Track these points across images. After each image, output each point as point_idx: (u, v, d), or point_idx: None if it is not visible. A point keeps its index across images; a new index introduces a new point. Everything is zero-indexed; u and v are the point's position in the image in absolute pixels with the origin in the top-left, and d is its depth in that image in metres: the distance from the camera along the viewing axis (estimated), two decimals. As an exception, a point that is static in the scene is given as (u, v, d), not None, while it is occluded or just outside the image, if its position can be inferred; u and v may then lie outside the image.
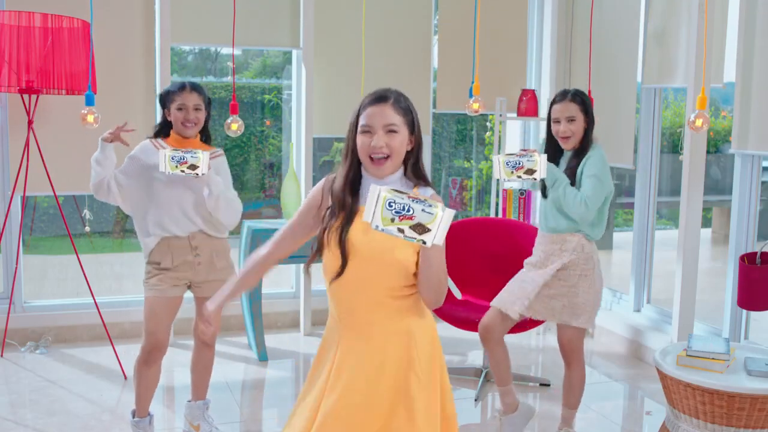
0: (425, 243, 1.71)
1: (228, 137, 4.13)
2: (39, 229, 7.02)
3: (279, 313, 5.06)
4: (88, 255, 5.68)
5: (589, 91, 4.48)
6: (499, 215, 4.93)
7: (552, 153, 3.13)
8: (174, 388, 4.01)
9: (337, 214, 2.00)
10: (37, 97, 4.13)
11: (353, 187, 2.03)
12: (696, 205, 4.17)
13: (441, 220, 1.69)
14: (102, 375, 4.11)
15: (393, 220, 1.70)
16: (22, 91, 3.98)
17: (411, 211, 1.70)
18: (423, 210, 1.70)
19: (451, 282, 4.19)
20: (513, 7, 5.34)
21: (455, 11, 5.18)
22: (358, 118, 2.01)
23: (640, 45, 4.62)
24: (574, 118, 3.02)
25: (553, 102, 3.09)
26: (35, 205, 5.81)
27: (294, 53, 5.07)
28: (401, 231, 1.71)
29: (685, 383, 2.79)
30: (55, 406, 3.68)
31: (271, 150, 7.25)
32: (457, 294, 4.18)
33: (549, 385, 4.04)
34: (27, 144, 4.14)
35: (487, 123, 7.37)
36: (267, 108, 7.14)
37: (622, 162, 4.73)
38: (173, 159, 2.85)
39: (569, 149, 3.08)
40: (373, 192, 1.72)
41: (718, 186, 7.70)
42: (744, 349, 3.14)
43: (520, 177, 2.83)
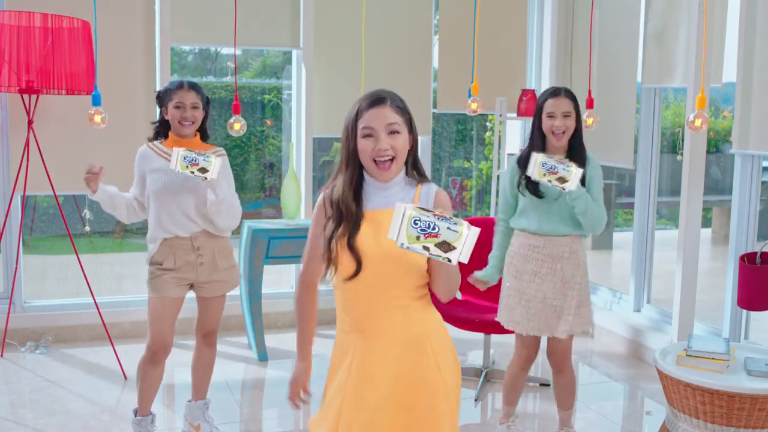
0: (450, 261, 1.71)
1: (228, 137, 4.13)
2: (39, 229, 7.03)
3: (279, 313, 5.06)
4: (88, 255, 5.69)
5: (590, 91, 4.49)
6: (499, 215, 4.92)
7: (528, 155, 3.04)
8: (174, 388, 4.01)
9: (343, 222, 1.97)
10: (37, 97, 4.13)
11: (356, 194, 2.00)
12: (696, 205, 4.17)
13: (467, 238, 1.70)
14: (102, 375, 4.11)
15: (418, 237, 1.70)
16: (22, 91, 3.98)
17: (436, 229, 1.70)
18: (448, 228, 1.70)
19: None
20: (513, 7, 5.34)
21: (455, 11, 5.19)
22: (356, 122, 1.98)
23: (640, 45, 4.62)
24: (569, 113, 3.01)
25: (546, 98, 3.05)
26: (35, 205, 5.81)
27: (294, 53, 5.07)
28: (426, 249, 1.71)
29: (685, 383, 2.79)
30: (55, 406, 3.69)
31: (271, 150, 7.25)
32: (457, 294, 4.18)
33: (549, 385, 4.04)
34: (27, 144, 4.14)
35: (487, 123, 7.38)
36: (267, 108, 7.15)
37: (622, 162, 4.73)
38: (185, 159, 2.85)
39: (562, 145, 3.06)
40: (399, 210, 1.72)
41: (718, 186, 7.71)
42: (744, 349, 3.14)
43: (550, 181, 2.84)
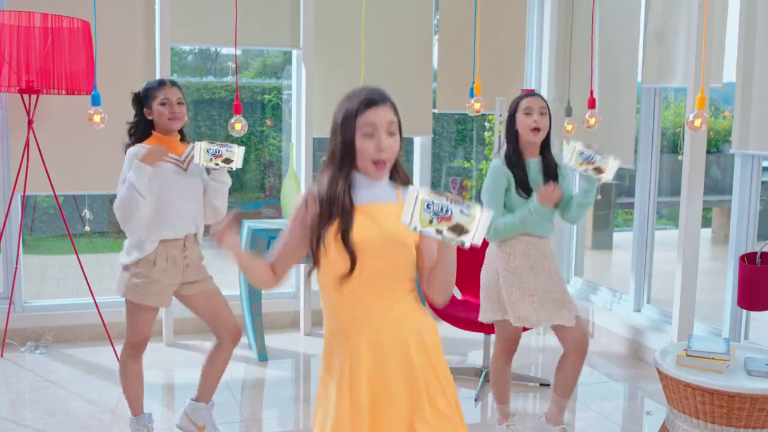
0: (464, 244, 1.69)
1: (229, 137, 4.12)
2: (39, 229, 7.02)
3: (279, 313, 5.06)
4: (88, 255, 5.68)
5: (591, 91, 4.49)
6: (499, 215, 4.92)
7: (516, 158, 3.07)
8: (174, 388, 4.01)
9: (334, 218, 1.93)
10: (37, 97, 4.13)
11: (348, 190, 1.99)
12: (696, 205, 4.17)
13: (479, 221, 1.68)
14: (102, 375, 4.11)
15: (431, 221, 1.69)
16: (22, 91, 3.99)
17: (449, 213, 1.69)
18: (461, 211, 1.69)
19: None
20: (513, 7, 5.34)
21: (455, 11, 5.18)
22: (355, 121, 1.96)
23: (640, 45, 4.62)
24: (545, 112, 3.06)
25: (520, 99, 3.09)
26: (35, 205, 5.81)
27: (294, 53, 5.07)
28: (439, 232, 1.70)
29: (685, 383, 2.79)
30: (55, 406, 3.69)
31: (271, 150, 7.25)
32: (457, 294, 4.18)
33: (549, 385, 4.04)
34: (27, 144, 4.15)
35: (487, 123, 7.37)
36: (267, 108, 7.14)
37: (622, 162, 4.71)
38: (208, 152, 2.86)
39: (538, 142, 3.08)
40: (412, 193, 1.71)
41: (718, 186, 7.70)
42: (744, 349, 3.14)
43: (586, 170, 2.88)
